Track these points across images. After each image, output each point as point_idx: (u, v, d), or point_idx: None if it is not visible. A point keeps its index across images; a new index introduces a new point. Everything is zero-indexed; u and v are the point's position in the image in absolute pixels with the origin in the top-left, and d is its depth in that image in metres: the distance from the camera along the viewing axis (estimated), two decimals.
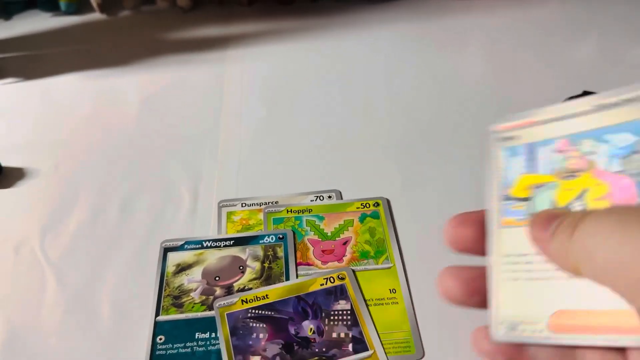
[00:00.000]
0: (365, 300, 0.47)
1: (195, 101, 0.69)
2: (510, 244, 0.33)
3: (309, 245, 0.52)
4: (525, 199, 0.34)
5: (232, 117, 0.66)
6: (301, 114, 0.66)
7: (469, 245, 0.32)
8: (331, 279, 0.48)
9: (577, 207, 0.32)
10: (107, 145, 0.64)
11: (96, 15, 0.89)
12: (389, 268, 0.50)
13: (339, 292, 0.48)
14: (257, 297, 0.47)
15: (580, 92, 0.58)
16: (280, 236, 0.53)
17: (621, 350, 0.28)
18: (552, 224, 0.28)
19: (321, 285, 0.48)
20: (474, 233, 0.32)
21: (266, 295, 0.47)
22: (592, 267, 0.25)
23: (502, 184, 0.35)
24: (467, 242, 0.32)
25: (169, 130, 0.66)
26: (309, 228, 0.53)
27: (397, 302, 0.47)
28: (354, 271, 0.49)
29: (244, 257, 0.51)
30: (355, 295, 0.47)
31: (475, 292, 0.31)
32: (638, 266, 0.22)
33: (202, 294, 0.49)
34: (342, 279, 0.48)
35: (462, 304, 0.31)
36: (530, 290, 0.31)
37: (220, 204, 0.56)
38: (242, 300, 0.47)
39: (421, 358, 0.44)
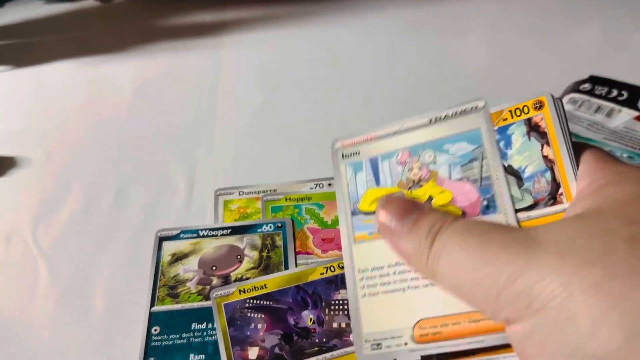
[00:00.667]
0: None
1: (190, 88, 0.68)
2: (365, 259, 0.32)
3: (308, 233, 0.51)
4: (373, 213, 0.35)
5: (228, 104, 0.65)
6: (299, 101, 0.65)
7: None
8: (332, 267, 0.47)
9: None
10: (101, 134, 0.63)
11: (89, 2, 0.88)
12: None
13: (340, 281, 0.46)
14: (255, 287, 0.46)
15: (586, 76, 0.57)
16: (279, 225, 0.51)
17: None
18: (407, 217, 0.28)
19: (321, 274, 0.47)
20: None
21: (264, 285, 0.46)
22: (452, 282, 0.25)
23: (350, 199, 0.36)
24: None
25: (164, 117, 0.64)
26: (308, 216, 0.52)
27: None
28: None
29: (241, 246, 0.50)
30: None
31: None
32: (496, 286, 0.22)
33: (198, 283, 0.48)
34: (343, 267, 0.47)
35: None
36: (390, 304, 0.31)
37: (217, 193, 0.55)
38: (240, 290, 0.45)
39: None
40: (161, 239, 0.51)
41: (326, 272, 0.47)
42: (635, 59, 0.66)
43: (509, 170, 0.33)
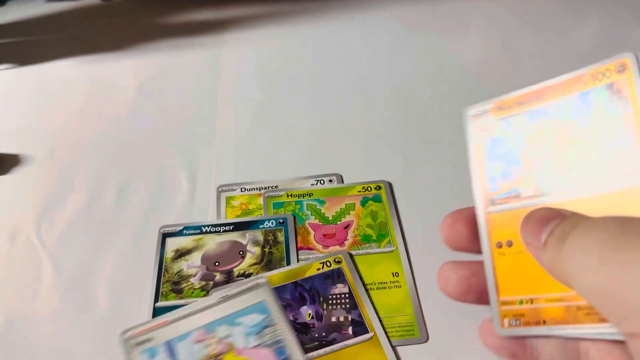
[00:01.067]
0: (364, 283, 0.46)
1: (191, 86, 0.68)
2: None
3: (310, 229, 0.51)
4: None
5: (230, 101, 0.65)
6: (300, 98, 0.65)
7: (464, 244, 0.31)
8: (327, 262, 0.47)
9: None
10: (103, 131, 0.63)
11: (91, 1, 0.88)
12: (392, 252, 0.49)
13: (336, 276, 0.47)
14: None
15: None
16: (281, 221, 0.52)
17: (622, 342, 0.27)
18: (544, 229, 0.27)
19: (317, 269, 0.47)
20: (468, 231, 0.31)
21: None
22: (580, 286, 0.24)
23: None
24: (461, 241, 0.31)
25: (166, 115, 0.65)
26: (309, 212, 0.52)
27: (400, 286, 0.46)
28: (350, 254, 0.48)
29: (244, 242, 0.50)
30: (353, 279, 0.47)
31: (472, 290, 0.31)
32: (633, 299, 0.20)
33: (201, 279, 0.48)
34: (339, 262, 0.48)
35: (460, 300, 0.31)
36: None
37: (219, 189, 0.55)
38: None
39: (425, 341, 0.43)
40: (164, 235, 0.51)
41: (322, 267, 0.47)
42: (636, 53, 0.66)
43: None
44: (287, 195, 0.54)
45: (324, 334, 0.43)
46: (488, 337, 0.31)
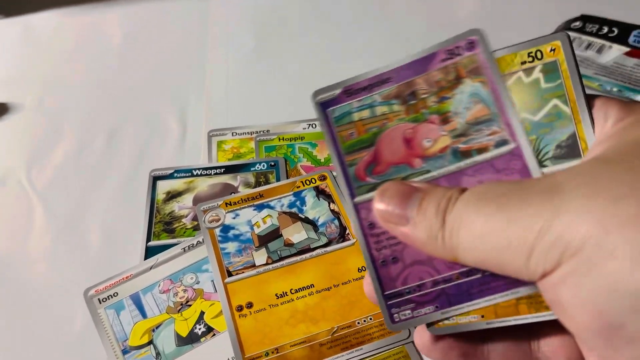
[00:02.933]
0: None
1: (180, 32, 0.67)
2: None
3: (301, 171, 0.51)
4: (148, 343, 0.40)
5: (219, 47, 0.64)
6: (291, 42, 0.64)
7: (440, 355, 0.29)
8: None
9: (200, 329, 0.41)
10: (92, 79, 0.63)
11: None
12: None
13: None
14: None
15: (578, 15, 0.57)
16: (272, 163, 0.52)
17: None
18: (409, 202, 0.25)
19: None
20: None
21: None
22: (476, 255, 0.23)
23: (117, 339, 0.40)
24: (436, 353, 0.29)
25: (154, 61, 0.64)
26: (301, 155, 0.52)
27: None
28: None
29: (235, 184, 0.50)
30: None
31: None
32: (526, 244, 0.21)
33: (193, 219, 0.48)
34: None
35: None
36: None
37: (210, 134, 0.55)
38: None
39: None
40: (155, 178, 0.51)
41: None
42: None
43: (306, 220, 0.45)
44: (279, 139, 0.54)
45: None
46: (428, 342, 0.29)
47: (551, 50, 0.30)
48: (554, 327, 0.29)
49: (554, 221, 0.20)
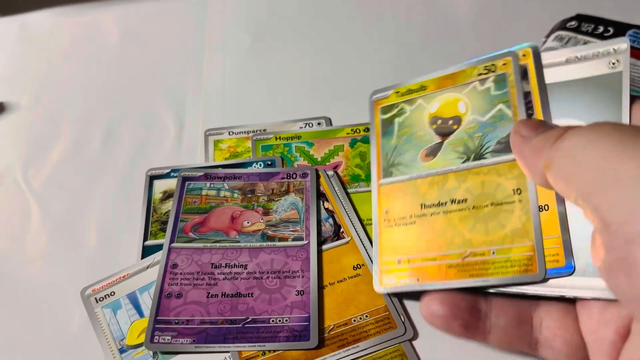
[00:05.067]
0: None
1: (177, 30, 0.67)
2: None
3: None
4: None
5: (216, 46, 0.64)
6: (288, 42, 0.64)
7: (442, 324, 0.33)
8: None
9: None
10: (88, 78, 0.62)
11: None
12: None
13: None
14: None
15: (573, 14, 0.57)
16: (269, 162, 0.52)
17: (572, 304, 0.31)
18: (541, 127, 0.29)
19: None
20: (446, 312, 0.33)
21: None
22: (579, 180, 0.24)
23: (114, 339, 0.40)
24: (440, 320, 0.33)
25: (151, 60, 0.64)
26: (298, 154, 0.52)
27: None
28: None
29: None
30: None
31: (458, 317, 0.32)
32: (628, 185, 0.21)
33: None
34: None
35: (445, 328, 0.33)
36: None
37: (207, 133, 0.55)
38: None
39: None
40: (152, 178, 0.51)
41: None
42: None
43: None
44: (276, 138, 0.54)
45: None
46: (433, 309, 0.33)
47: (503, 64, 0.37)
48: (558, 311, 0.30)
49: None
